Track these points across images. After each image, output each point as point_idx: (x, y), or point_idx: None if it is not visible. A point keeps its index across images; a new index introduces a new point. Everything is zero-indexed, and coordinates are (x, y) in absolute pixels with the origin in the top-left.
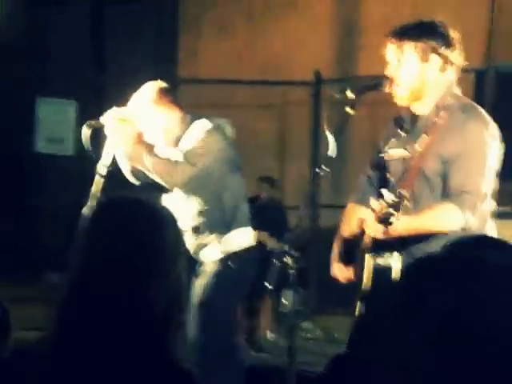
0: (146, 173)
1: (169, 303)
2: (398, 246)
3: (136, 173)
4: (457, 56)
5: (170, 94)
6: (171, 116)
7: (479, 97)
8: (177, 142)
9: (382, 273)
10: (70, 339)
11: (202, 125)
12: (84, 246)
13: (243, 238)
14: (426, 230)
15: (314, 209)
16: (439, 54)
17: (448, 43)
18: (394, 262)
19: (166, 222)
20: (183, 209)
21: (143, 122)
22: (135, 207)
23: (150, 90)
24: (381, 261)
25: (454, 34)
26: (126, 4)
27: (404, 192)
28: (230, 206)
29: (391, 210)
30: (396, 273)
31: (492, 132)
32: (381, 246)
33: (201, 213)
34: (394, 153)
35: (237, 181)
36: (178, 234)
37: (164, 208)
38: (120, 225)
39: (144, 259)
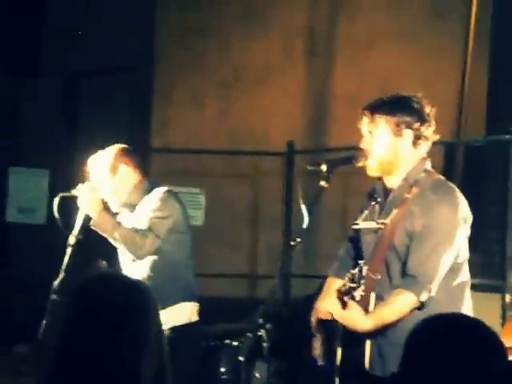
0: (111, 241)
1: (152, 371)
2: (366, 336)
3: None
4: (430, 131)
5: (130, 156)
6: (128, 178)
7: (448, 168)
8: (131, 206)
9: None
10: None
11: (161, 191)
12: (66, 324)
13: (187, 313)
14: (388, 322)
15: (286, 279)
16: (413, 130)
17: (422, 119)
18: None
19: (145, 295)
20: (132, 273)
21: (101, 182)
22: (113, 285)
23: (110, 150)
24: None
25: (428, 110)
26: (99, 75)
27: (364, 265)
28: (182, 274)
29: (353, 284)
30: (367, 359)
31: (462, 214)
32: (350, 336)
33: (150, 278)
34: (364, 225)
35: (186, 246)
36: (155, 306)
37: (139, 282)
38: (101, 302)
39: (128, 335)
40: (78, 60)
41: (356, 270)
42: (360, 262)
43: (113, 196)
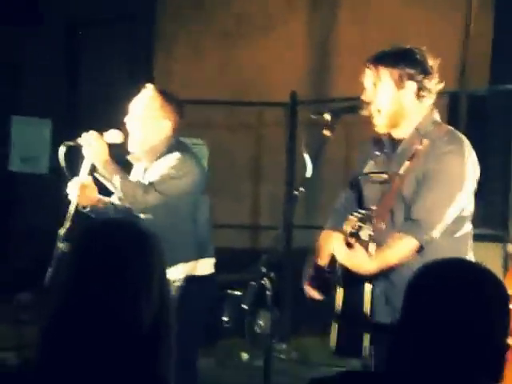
0: (115, 192)
1: (156, 319)
2: (367, 277)
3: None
4: (433, 83)
5: (178, 110)
6: (163, 129)
7: (452, 119)
8: (150, 157)
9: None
10: (56, 359)
11: (181, 153)
12: (69, 268)
13: (205, 266)
14: (391, 265)
15: (289, 230)
16: (416, 82)
17: (425, 71)
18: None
19: (149, 241)
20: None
21: (137, 126)
22: (124, 228)
23: (163, 94)
24: None
25: (432, 62)
26: (100, 24)
27: (373, 207)
28: (194, 233)
29: (360, 224)
30: (367, 301)
31: (472, 166)
32: (351, 277)
33: (166, 236)
34: (374, 176)
35: (204, 207)
36: (162, 254)
37: (145, 228)
38: (104, 246)
39: (132, 277)
40: (80, 8)
41: (365, 211)
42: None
43: (138, 140)
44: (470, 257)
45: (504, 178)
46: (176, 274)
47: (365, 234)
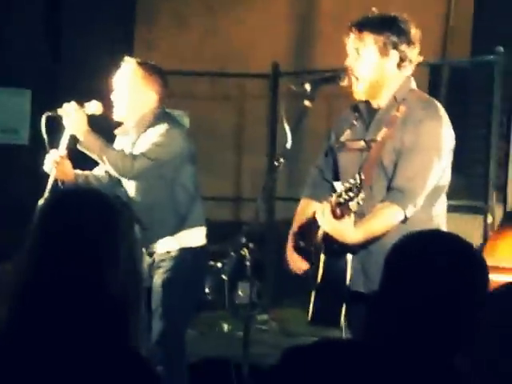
0: (99, 161)
1: (125, 290)
2: (350, 247)
3: None
4: (415, 53)
5: (162, 80)
6: (149, 101)
7: (433, 91)
8: (136, 130)
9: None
10: (25, 328)
11: (166, 125)
12: (36, 235)
13: (197, 236)
14: (377, 235)
15: (271, 201)
16: (399, 50)
17: (408, 40)
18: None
19: (119, 209)
20: (136, 202)
21: (123, 99)
22: (87, 197)
23: (145, 65)
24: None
25: (414, 32)
26: None
27: (363, 176)
28: (184, 203)
29: (350, 194)
30: (349, 271)
31: (447, 129)
32: (333, 245)
33: (154, 207)
34: (351, 144)
35: (192, 177)
36: (130, 222)
37: (116, 197)
38: (72, 213)
39: (98, 247)
40: None
41: (354, 181)
42: (335, 183)
43: (125, 113)
44: (444, 228)
45: (484, 150)
46: (166, 245)
47: (354, 204)
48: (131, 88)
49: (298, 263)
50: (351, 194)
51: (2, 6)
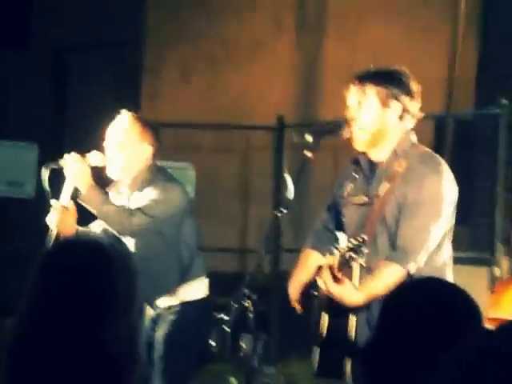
0: (99, 217)
1: (124, 340)
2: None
3: None
4: (415, 107)
5: (156, 135)
6: (145, 156)
7: (438, 143)
8: (138, 188)
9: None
10: (20, 379)
11: (160, 183)
12: (35, 284)
13: (198, 289)
14: (378, 295)
15: (276, 253)
16: (400, 102)
17: (409, 93)
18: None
19: (114, 259)
20: (135, 257)
21: (117, 152)
22: (88, 248)
23: (140, 121)
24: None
25: (414, 85)
26: (88, 50)
27: (365, 236)
28: (185, 258)
29: (352, 254)
30: (351, 328)
31: (449, 184)
32: (335, 305)
33: (154, 262)
34: (353, 199)
35: (192, 230)
36: (133, 276)
37: (120, 250)
38: (72, 265)
39: (97, 295)
40: (67, 34)
41: (356, 241)
42: (339, 234)
43: (122, 169)
44: (451, 279)
45: (490, 202)
46: (168, 300)
47: (357, 265)
48: (127, 139)
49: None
50: (353, 255)
51: (8, 61)
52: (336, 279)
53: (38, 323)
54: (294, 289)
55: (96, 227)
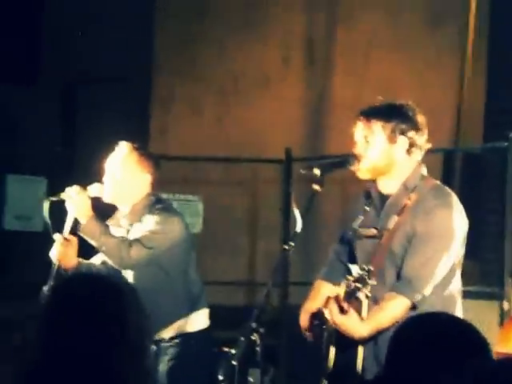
0: (98, 249)
1: (140, 378)
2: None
3: None
4: (423, 140)
5: (156, 166)
6: (144, 187)
7: (447, 177)
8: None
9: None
10: None
11: (159, 213)
12: (41, 322)
13: (199, 320)
14: (383, 327)
15: (284, 286)
16: (407, 137)
17: (416, 127)
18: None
19: (122, 293)
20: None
21: (116, 183)
22: (90, 281)
23: (139, 151)
24: None
25: (420, 118)
26: (97, 83)
27: (371, 267)
28: (186, 290)
29: (357, 284)
30: (359, 360)
31: (459, 217)
32: (343, 338)
33: (153, 295)
34: (364, 231)
35: (193, 262)
36: (136, 306)
37: (124, 283)
38: (84, 297)
39: (105, 330)
40: (76, 69)
41: (362, 271)
42: (351, 266)
43: (119, 196)
44: (458, 313)
45: (499, 235)
46: (168, 332)
47: (362, 295)
48: (126, 170)
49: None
50: (359, 285)
51: (18, 95)
52: (342, 310)
53: (50, 355)
54: (305, 317)
55: (96, 260)
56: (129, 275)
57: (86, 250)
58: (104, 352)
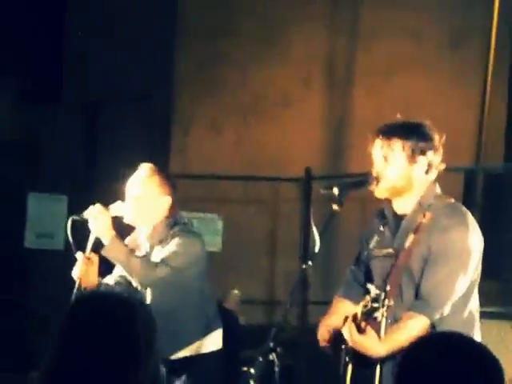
0: (123, 269)
1: None
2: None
3: None
4: (439, 159)
5: (174, 190)
6: (163, 209)
7: (468, 196)
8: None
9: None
10: None
11: (180, 235)
12: (58, 339)
13: (215, 340)
14: (401, 346)
15: (304, 306)
16: (426, 157)
17: (434, 147)
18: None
19: (136, 312)
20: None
21: (137, 205)
22: (108, 301)
23: (161, 173)
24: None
25: (437, 137)
26: (118, 103)
27: (387, 287)
28: (202, 311)
29: (375, 305)
30: (376, 379)
31: (474, 235)
32: (361, 357)
33: (171, 315)
34: (379, 252)
35: (208, 283)
36: (153, 324)
37: (137, 301)
38: (93, 318)
39: (117, 352)
40: (98, 87)
41: (380, 291)
42: (369, 285)
43: (139, 219)
44: (477, 334)
45: None
46: (183, 352)
47: (380, 314)
48: (147, 192)
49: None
50: (376, 305)
51: (41, 114)
52: (360, 330)
53: (63, 373)
54: (323, 331)
55: (109, 280)
56: (147, 295)
57: (104, 269)
58: (114, 367)
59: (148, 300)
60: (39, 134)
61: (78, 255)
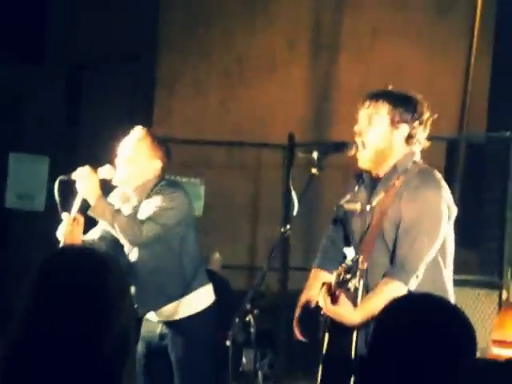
0: (107, 227)
1: (115, 340)
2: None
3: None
4: (423, 135)
5: (167, 152)
6: (154, 170)
7: (450, 166)
8: (145, 196)
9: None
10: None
11: (167, 190)
12: (28, 296)
13: (205, 297)
14: (377, 312)
15: (284, 271)
16: (409, 126)
17: (420, 121)
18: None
19: (108, 265)
20: (139, 266)
21: (128, 166)
22: (76, 255)
23: (152, 135)
24: None
25: (426, 114)
26: (102, 64)
27: (360, 258)
28: (189, 269)
29: (348, 275)
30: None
31: (446, 202)
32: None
33: (158, 272)
34: (348, 206)
35: (195, 239)
36: (122, 281)
37: (109, 256)
38: (64, 272)
39: (89, 306)
40: (82, 48)
41: (351, 261)
42: (346, 250)
43: (130, 180)
44: (451, 298)
45: (500, 226)
46: (175, 312)
47: (353, 285)
48: (138, 154)
49: (298, 336)
50: (348, 276)
51: (23, 74)
52: (334, 298)
53: (33, 329)
54: (298, 312)
55: (92, 235)
56: (134, 253)
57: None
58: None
59: (135, 256)
60: (21, 93)
61: (64, 216)
